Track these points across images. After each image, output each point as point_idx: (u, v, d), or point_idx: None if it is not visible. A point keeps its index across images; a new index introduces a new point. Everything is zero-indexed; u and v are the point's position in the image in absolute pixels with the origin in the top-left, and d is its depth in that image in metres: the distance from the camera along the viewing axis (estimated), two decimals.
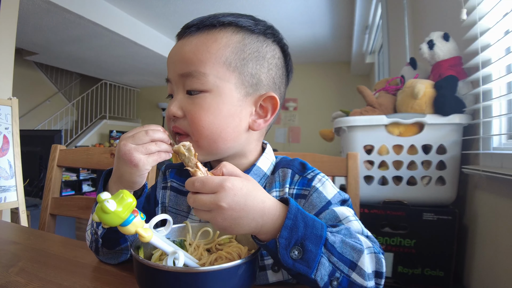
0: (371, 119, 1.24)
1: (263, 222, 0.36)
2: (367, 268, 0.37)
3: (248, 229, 0.36)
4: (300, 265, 0.35)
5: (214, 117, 0.46)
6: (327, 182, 0.51)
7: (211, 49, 0.46)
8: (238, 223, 0.35)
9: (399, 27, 2.23)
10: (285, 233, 0.35)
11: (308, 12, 3.63)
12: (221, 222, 0.35)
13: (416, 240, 1.17)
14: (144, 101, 7.22)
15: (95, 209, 0.33)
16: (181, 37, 0.49)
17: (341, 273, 0.36)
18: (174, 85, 0.49)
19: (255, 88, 0.49)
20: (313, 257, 0.35)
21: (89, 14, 3.27)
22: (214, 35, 0.47)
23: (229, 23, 0.48)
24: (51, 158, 0.97)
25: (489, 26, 1.02)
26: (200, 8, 3.53)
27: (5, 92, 2.02)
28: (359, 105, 1.45)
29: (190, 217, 0.55)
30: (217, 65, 0.46)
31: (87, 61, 5.17)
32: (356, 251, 0.37)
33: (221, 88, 0.46)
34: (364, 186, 1.26)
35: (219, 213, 0.35)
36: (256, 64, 0.48)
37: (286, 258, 0.35)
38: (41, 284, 0.45)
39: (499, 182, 0.97)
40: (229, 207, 0.34)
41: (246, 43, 0.48)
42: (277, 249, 0.35)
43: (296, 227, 0.35)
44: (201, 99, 0.46)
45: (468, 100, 1.16)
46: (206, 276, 0.34)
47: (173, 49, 0.50)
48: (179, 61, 0.47)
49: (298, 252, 0.35)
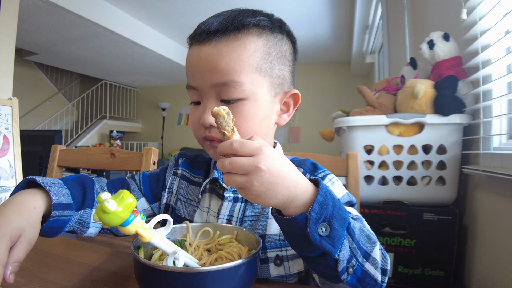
0: (371, 119, 1.24)
1: (296, 193, 0.35)
2: (379, 261, 0.38)
3: (281, 197, 0.35)
4: (326, 243, 0.34)
5: (252, 122, 0.48)
6: (337, 183, 0.52)
7: (243, 57, 0.46)
8: (273, 189, 0.34)
9: (399, 27, 2.23)
10: (317, 207, 0.35)
11: (308, 12, 3.63)
12: (257, 187, 0.34)
13: (416, 240, 1.17)
14: (144, 101, 7.22)
15: (95, 209, 0.33)
16: (202, 42, 0.47)
17: (357, 261, 0.37)
18: (202, 93, 0.48)
19: (281, 87, 0.51)
20: (338, 236, 0.35)
21: (89, 14, 3.27)
22: (241, 40, 0.46)
23: (252, 25, 0.47)
24: (51, 158, 0.97)
25: (489, 26, 1.02)
26: (200, 8, 3.53)
27: (5, 92, 2.03)
28: (359, 105, 1.45)
29: (200, 208, 0.56)
30: (251, 73, 0.46)
31: (87, 61, 5.17)
32: (370, 242, 0.38)
33: (257, 94, 0.47)
34: (364, 186, 1.26)
35: (256, 175, 0.34)
36: (280, 65, 0.50)
37: (314, 233, 0.34)
38: (41, 284, 0.45)
39: (499, 182, 0.97)
40: (267, 170, 0.34)
41: (270, 45, 0.49)
42: (307, 222, 0.34)
43: (326, 204, 0.35)
44: (239, 107, 0.47)
45: (468, 100, 1.16)
46: (206, 276, 0.34)
47: (198, 56, 0.47)
48: (211, 71, 0.46)
49: (325, 229, 0.35)
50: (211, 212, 0.55)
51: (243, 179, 0.34)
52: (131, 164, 0.89)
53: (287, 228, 0.38)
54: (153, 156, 0.86)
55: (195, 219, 0.56)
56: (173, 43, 4.80)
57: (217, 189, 0.56)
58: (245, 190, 0.35)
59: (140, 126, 7.22)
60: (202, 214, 0.56)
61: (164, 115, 6.73)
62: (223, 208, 0.53)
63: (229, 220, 0.52)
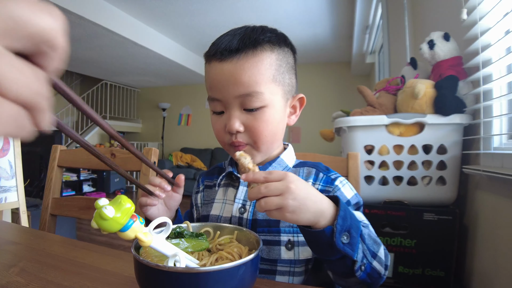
0: (371, 119, 1.24)
1: (323, 208, 0.42)
2: (383, 259, 0.47)
3: (313, 211, 0.41)
4: (348, 248, 0.42)
5: (272, 126, 0.55)
6: (347, 185, 0.59)
7: (261, 70, 0.53)
8: (305, 203, 0.40)
9: (400, 27, 2.23)
10: (340, 221, 0.42)
11: (308, 12, 3.63)
12: (291, 203, 0.40)
13: (416, 240, 1.17)
14: (144, 101, 7.22)
15: (94, 216, 0.32)
16: (224, 59, 0.53)
17: (367, 260, 0.45)
18: (227, 104, 0.55)
19: (291, 93, 0.59)
20: (355, 242, 0.43)
21: (90, 14, 3.27)
22: (259, 56, 0.53)
23: (265, 41, 0.54)
24: (51, 158, 0.97)
25: (490, 26, 1.01)
26: (200, 8, 3.53)
27: None
28: (360, 105, 1.45)
29: (216, 201, 0.63)
30: (268, 83, 0.53)
31: (88, 62, 5.17)
32: (377, 244, 0.47)
33: (274, 101, 0.55)
34: (365, 186, 1.26)
35: (290, 193, 0.40)
36: (290, 74, 0.58)
37: (339, 241, 0.41)
38: (41, 284, 0.45)
39: (499, 182, 0.97)
40: (297, 187, 0.40)
41: (281, 58, 0.55)
42: (333, 233, 0.41)
43: (346, 217, 0.42)
44: (261, 114, 0.54)
45: (469, 100, 1.16)
46: (207, 276, 0.34)
47: (222, 72, 0.53)
48: (235, 84, 0.52)
49: (346, 237, 0.42)
50: (227, 201, 0.61)
51: (279, 199, 0.40)
52: (131, 164, 0.89)
53: (314, 238, 0.43)
54: (154, 156, 0.86)
55: (212, 212, 0.62)
56: (173, 43, 4.80)
57: (232, 182, 0.64)
58: (282, 210, 0.40)
59: (140, 126, 7.22)
60: (217, 205, 0.62)
61: (164, 115, 6.72)
62: (238, 193, 0.60)
63: (243, 205, 0.58)
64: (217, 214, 0.61)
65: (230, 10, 3.56)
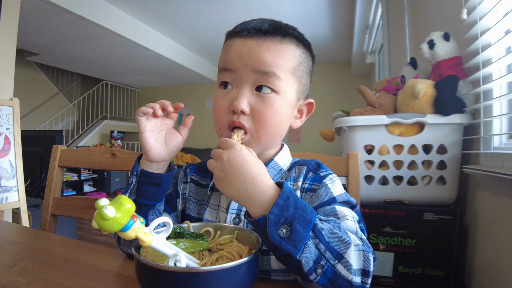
0: (371, 119, 1.24)
1: (252, 191, 0.39)
2: (354, 263, 0.38)
3: (235, 189, 0.40)
4: (286, 244, 0.37)
5: (279, 117, 0.52)
6: (337, 182, 0.54)
7: (286, 57, 0.51)
8: (229, 178, 0.40)
9: (400, 27, 2.23)
10: (276, 210, 0.38)
11: (308, 12, 3.63)
12: (218, 173, 0.41)
13: (416, 240, 1.17)
14: (144, 101, 7.18)
15: (94, 216, 0.33)
16: (250, 37, 0.51)
17: (327, 262, 0.37)
18: (240, 77, 0.51)
19: (303, 95, 0.58)
20: (300, 238, 0.37)
21: (90, 14, 3.27)
22: (286, 45, 0.52)
23: (293, 36, 0.54)
24: (52, 158, 0.97)
25: (490, 26, 1.01)
26: (200, 9, 3.53)
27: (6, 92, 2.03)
28: (360, 105, 1.45)
29: (210, 206, 0.59)
30: (288, 73, 0.52)
31: (88, 62, 5.18)
32: (343, 243, 0.38)
33: (288, 92, 0.52)
34: (365, 186, 1.26)
35: (219, 163, 0.41)
36: (307, 76, 0.57)
37: (274, 234, 0.37)
38: (42, 284, 0.45)
39: (499, 182, 0.97)
40: (227, 161, 0.40)
41: (303, 57, 0.55)
42: (266, 224, 0.37)
43: (287, 207, 0.38)
44: (271, 100, 0.51)
45: (469, 100, 1.16)
46: (207, 276, 0.34)
47: (245, 46, 0.51)
48: (257, 58, 0.50)
49: (286, 230, 0.37)
50: (221, 209, 0.57)
51: (213, 164, 0.42)
52: (132, 164, 0.89)
53: (254, 228, 0.41)
54: None
55: (205, 217, 0.58)
56: (173, 43, 4.80)
57: None
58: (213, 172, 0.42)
59: None
60: (212, 211, 0.58)
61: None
62: (232, 203, 0.56)
63: (237, 214, 0.55)
64: (212, 220, 0.58)
65: (230, 10, 3.56)
